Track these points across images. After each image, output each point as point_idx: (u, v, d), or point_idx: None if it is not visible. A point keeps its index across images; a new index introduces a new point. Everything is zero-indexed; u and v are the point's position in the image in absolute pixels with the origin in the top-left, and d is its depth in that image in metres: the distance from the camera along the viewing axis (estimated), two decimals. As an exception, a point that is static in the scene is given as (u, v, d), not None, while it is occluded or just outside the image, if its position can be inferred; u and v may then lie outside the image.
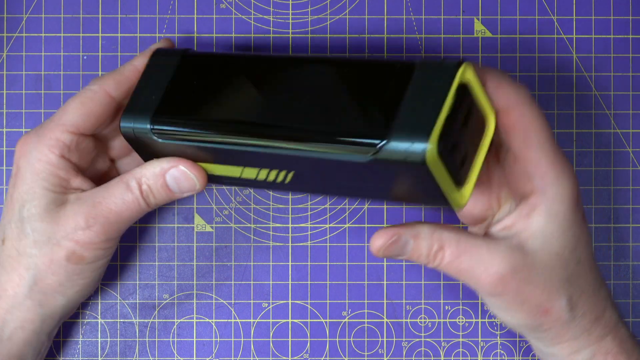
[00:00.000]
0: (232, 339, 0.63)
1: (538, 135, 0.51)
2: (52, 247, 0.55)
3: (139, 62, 0.57)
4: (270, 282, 0.63)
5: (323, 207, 0.63)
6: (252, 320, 0.63)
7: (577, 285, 0.52)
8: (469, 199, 0.50)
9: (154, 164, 0.55)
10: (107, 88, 0.56)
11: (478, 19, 0.64)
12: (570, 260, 0.52)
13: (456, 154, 0.48)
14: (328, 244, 0.63)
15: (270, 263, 0.63)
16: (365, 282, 0.63)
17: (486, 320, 0.63)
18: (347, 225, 0.63)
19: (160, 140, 0.53)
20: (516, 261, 0.51)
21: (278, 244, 0.63)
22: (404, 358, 0.63)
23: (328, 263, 0.63)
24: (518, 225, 0.52)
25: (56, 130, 0.56)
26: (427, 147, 0.46)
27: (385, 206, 0.63)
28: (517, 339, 0.63)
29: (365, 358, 0.64)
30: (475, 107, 0.49)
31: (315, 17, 0.63)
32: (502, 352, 0.63)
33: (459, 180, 0.49)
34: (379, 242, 0.52)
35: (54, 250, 0.56)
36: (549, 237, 0.51)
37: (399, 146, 0.47)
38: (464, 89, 0.48)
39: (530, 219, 0.51)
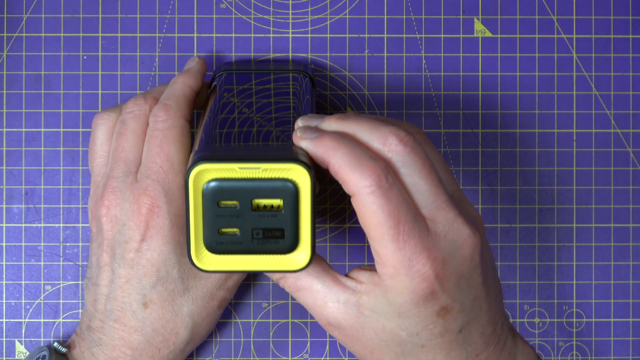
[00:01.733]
0: (232, 339, 0.63)
1: (375, 229, 0.48)
2: (207, 300, 0.57)
3: (194, 83, 0.58)
4: (270, 282, 0.63)
5: (323, 207, 0.63)
6: (252, 320, 0.63)
7: None
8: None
9: None
10: (187, 117, 0.57)
11: (478, 19, 0.64)
12: (408, 342, 0.50)
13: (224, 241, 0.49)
14: (328, 244, 0.63)
15: (270, 263, 0.63)
16: (365, 282, 0.63)
17: (486, 320, 0.63)
18: (347, 225, 0.63)
19: None
20: (346, 317, 0.50)
21: (278, 244, 0.63)
22: (404, 358, 0.63)
23: (328, 263, 0.63)
24: (364, 287, 0.50)
25: (178, 178, 0.55)
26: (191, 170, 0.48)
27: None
28: (517, 339, 0.63)
29: (365, 358, 0.64)
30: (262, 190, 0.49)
31: (315, 17, 0.63)
32: (502, 352, 0.63)
33: (213, 248, 0.49)
34: None
35: (209, 303, 0.57)
36: (383, 315, 0.50)
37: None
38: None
39: (372, 291, 0.50)
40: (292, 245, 0.49)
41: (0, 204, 0.63)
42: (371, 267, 0.51)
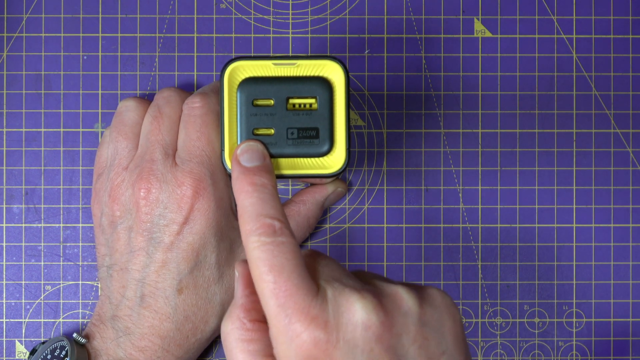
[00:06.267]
0: (232, 339, 0.63)
1: (257, 283, 0.44)
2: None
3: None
4: (270, 282, 0.63)
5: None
6: (252, 320, 0.63)
7: None
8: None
9: (316, 192, 0.59)
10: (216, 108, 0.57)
11: (478, 19, 0.64)
12: None
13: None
14: (328, 244, 0.63)
15: (270, 263, 0.63)
16: (365, 282, 0.63)
17: (486, 320, 0.63)
18: (347, 225, 0.63)
19: None
20: None
21: (278, 244, 0.63)
22: (404, 358, 0.63)
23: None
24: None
25: (220, 161, 0.56)
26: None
27: (385, 206, 0.63)
28: (517, 339, 0.63)
29: (365, 358, 0.63)
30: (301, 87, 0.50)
31: (315, 17, 0.63)
32: (502, 352, 0.63)
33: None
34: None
35: None
36: None
37: None
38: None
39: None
40: (326, 147, 0.49)
41: (0, 204, 0.63)
42: None
